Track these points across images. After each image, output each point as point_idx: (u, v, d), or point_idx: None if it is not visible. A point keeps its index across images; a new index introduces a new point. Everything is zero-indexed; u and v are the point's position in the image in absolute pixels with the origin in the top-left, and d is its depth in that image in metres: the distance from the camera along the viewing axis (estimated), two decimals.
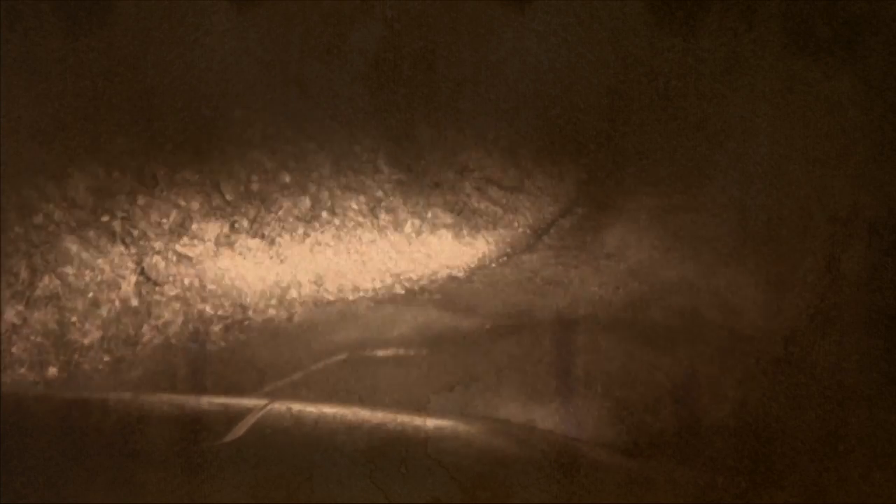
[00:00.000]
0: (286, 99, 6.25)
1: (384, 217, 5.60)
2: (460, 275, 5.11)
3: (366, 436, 1.46)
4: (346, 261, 5.04)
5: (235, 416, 1.32)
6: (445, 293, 4.77)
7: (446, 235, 5.58)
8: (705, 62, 7.02)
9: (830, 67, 6.09)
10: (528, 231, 5.99)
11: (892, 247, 4.77)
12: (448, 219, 5.79)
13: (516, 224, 6.07)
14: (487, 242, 5.66)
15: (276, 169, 5.65)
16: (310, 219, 5.32)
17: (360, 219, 5.50)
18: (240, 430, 1.22)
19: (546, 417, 3.36)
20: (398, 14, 7.22)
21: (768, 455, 3.01)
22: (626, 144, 7.37)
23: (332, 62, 6.80)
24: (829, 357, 3.77)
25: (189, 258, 4.60)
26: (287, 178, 5.57)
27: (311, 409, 1.49)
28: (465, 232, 5.69)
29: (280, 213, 5.26)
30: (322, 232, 5.22)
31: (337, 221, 5.40)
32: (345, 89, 6.88)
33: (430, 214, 5.77)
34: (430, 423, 1.47)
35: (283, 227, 5.13)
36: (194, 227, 4.82)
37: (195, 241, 4.74)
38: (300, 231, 5.17)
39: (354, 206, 5.63)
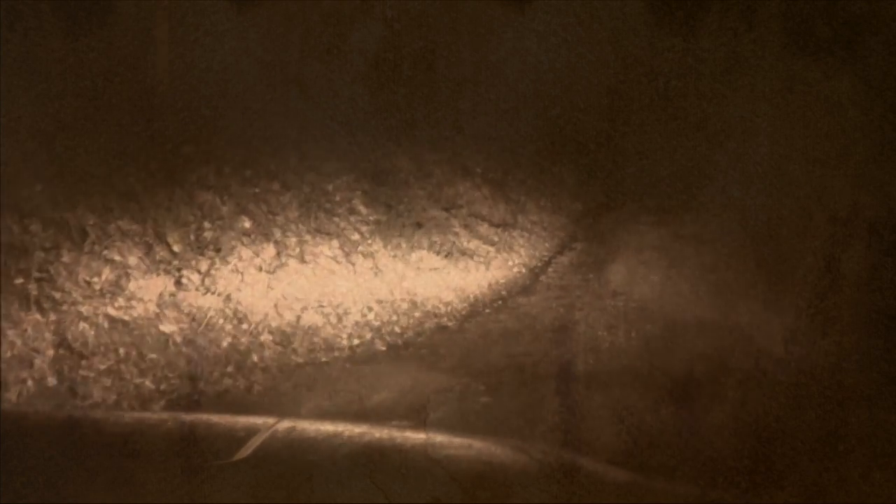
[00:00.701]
0: (286, 99, 6.25)
1: (362, 263, 4.95)
2: (450, 324, 4.54)
3: (366, 436, 1.47)
4: (318, 316, 4.41)
5: (240, 435, 1.30)
6: (433, 347, 4.22)
7: (433, 281, 4.95)
8: (705, 62, 7.02)
9: (830, 67, 6.08)
10: (524, 271, 5.42)
11: (892, 247, 4.77)
12: (434, 262, 5.17)
13: (510, 263, 5.48)
14: (479, 286, 5.06)
15: (234, 213, 4.98)
16: (274, 269, 4.67)
17: (334, 266, 4.85)
18: (246, 450, 1.21)
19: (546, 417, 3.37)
20: (398, 14, 7.23)
21: (768, 455, 3.01)
22: (626, 144, 7.37)
23: (332, 62, 6.81)
24: (829, 357, 3.77)
25: (125, 323, 3.94)
26: (247, 223, 4.91)
27: (313, 426, 1.50)
28: (453, 276, 5.09)
29: (238, 264, 4.59)
30: (289, 284, 4.57)
31: (307, 271, 4.73)
32: (345, 89, 6.88)
33: (413, 258, 5.14)
34: (430, 427, 1.47)
35: (242, 281, 4.48)
36: (132, 285, 4.14)
37: (133, 303, 4.06)
38: (263, 284, 4.51)
39: (327, 251, 4.95)
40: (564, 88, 7.54)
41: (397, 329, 4.43)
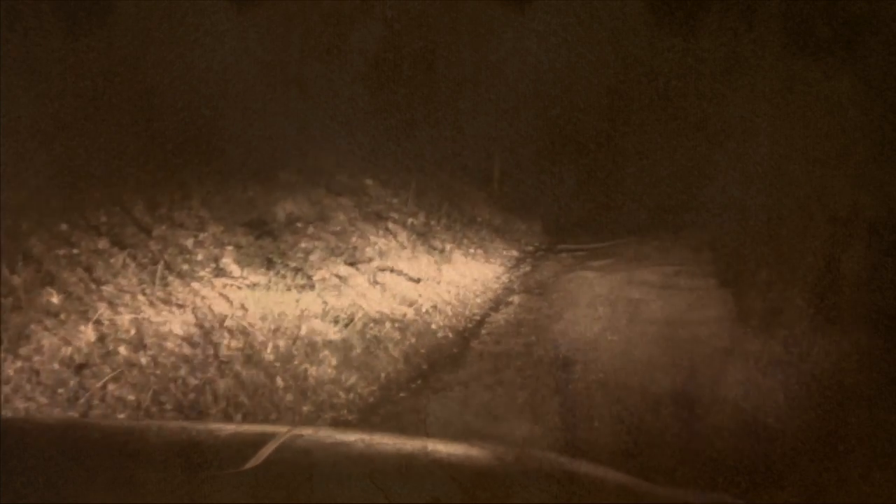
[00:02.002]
0: (286, 99, 6.26)
1: (228, 343, 3.60)
2: (351, 419, 3.35)
3: (366, 435, 1.47)
4: None
5: (251, 444, 1.28)
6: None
7: (328, 360, 3.67)
8: (705, 62, 7.03)
9: (830, 67, 6.09)
10: (451, 336, 4.29)
11: (892, 247, 4.77)
12: (331, 333, 3.90)
13: (434, 327, 4.30)
14: (393, 360, 3.85)
15: (33, 283, 3.57)
16: (92, 360, 3.22)
17: (188, 351, 3.48)
18: (258, 458, 1.21)
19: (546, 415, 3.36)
20: (398, 14, 7.25)
21: (768, 455, 3.01)
22: (626, 144, 7.39)
23: (332, 62, 6.82)
24: (829, 357, 3.78)
25: None
26: (53, 298, 3.51)
27: (321, 433, 1.51)
28: (357, 351, 3.82)
29: (36, 359, 3.16)
30: (115, 381, 3.16)
31: (144, 360, 3.32)
32: (345, 89, 6.89)
33: (302, 331, 3.85)
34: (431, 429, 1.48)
35: (37, 382, 3.10)
36: None
37: None
38: (72, 384, 3.10)
39: (178, 330, 3.58)
40: (564, 88, 7.55)
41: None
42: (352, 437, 1.47)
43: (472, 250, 5.73)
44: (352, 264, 4.75)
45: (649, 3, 7.29)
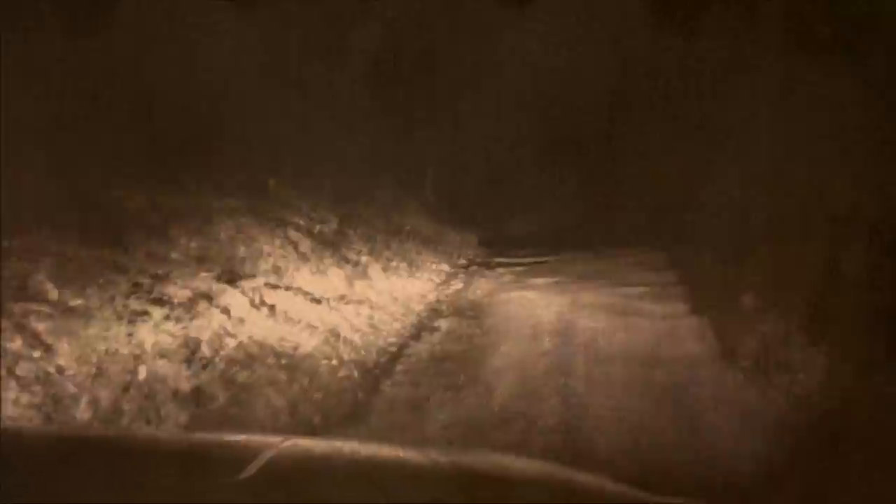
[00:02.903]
0: (286, 99, 6.26)
1: (17, 398, 2.56)
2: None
3: (365, 435, 1.48)
4: None
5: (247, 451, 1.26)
6: None
7: (175, 417, 2.68)
8: (705, 62, 7.02)
9: (830, 67, 6.07)
10: (356, 374, 3.29)
11: (892, 247, 4.76)
12: (181, 378, 2.85)
13: (334, 363, 3.30)
14: (273, 412, 2.86)
15: None
16: None
17: None
18: (252, 469, 1.20)
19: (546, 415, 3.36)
20: (398, 14, 7.25)
21: (768, 455, 3.01)
22: (626, 144, 7.38)
23: (332, 62, 6.82)
24: (830, 357, 3.77)
25: None
26: None
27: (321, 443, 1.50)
28: (220, 402, 2.84)
29: None
30: None
31: None
32: (345, 89, 6.89)
33: (140, 376, 2.80)
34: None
35: None
36: None
37: None
38: None
39: None
40: (564, 88, 7.55)
41: None
42: (350, 444, 1.47)
43: (393, 263, 4.76)
44: (229, 281, 3.63)
45: (649, 3, 7.28)
